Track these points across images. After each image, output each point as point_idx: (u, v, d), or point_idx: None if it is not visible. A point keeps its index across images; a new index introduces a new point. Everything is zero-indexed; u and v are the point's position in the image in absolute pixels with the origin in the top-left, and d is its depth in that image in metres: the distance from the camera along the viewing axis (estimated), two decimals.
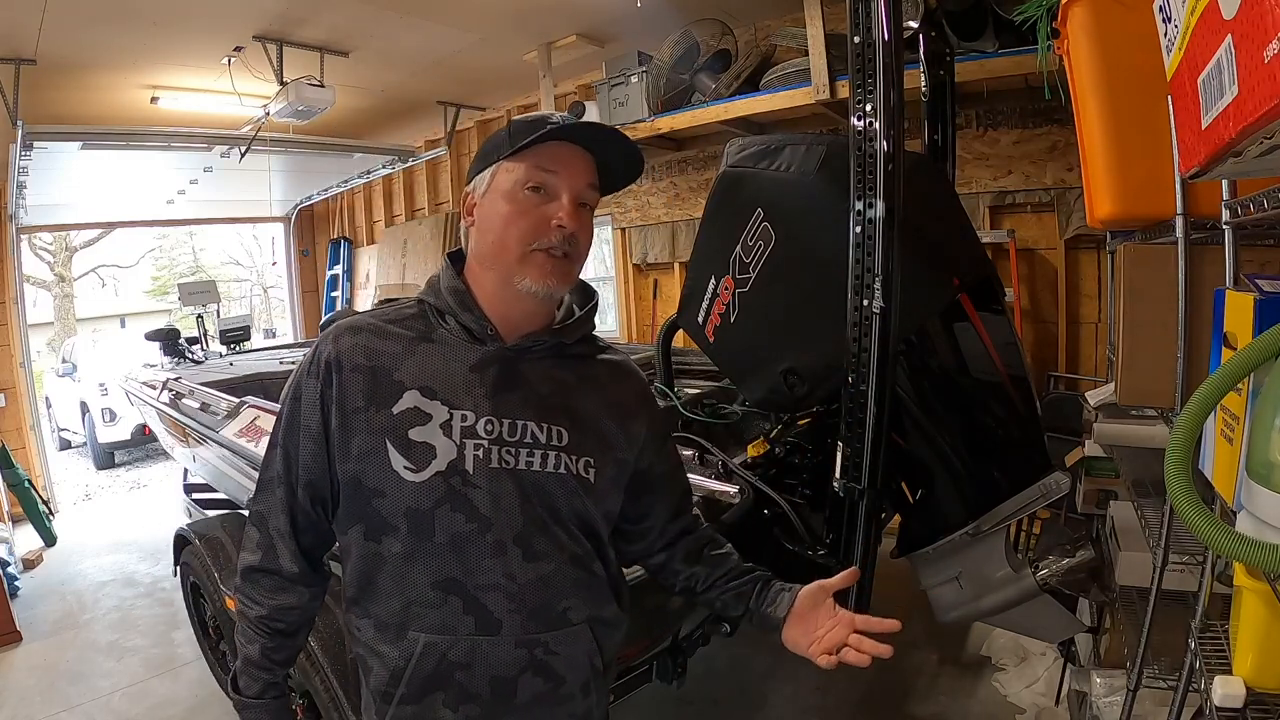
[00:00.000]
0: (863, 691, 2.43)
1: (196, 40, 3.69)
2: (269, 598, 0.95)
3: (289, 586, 0.96)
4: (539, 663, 0.91)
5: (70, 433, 7.79)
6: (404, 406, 0.88)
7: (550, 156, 0.91)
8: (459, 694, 0.89)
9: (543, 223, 0.89)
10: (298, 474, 0.93)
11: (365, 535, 0.90)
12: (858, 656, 0.93)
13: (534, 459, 0.90)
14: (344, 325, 0.95)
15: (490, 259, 0.92)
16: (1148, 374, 1.41)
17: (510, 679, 0.90)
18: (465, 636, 0.88)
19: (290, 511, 0.94)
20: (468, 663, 0.88)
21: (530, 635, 0.90)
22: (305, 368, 0.94)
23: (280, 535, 0.94)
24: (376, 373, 0.90)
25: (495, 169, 0.92)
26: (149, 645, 3.07)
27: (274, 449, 0.96)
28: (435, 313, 0.95)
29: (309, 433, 0.92)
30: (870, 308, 1.22)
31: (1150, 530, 1.52)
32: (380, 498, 0.88)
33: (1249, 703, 0.99)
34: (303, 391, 0.93)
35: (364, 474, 0.89)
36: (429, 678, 0.89)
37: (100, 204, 6.14)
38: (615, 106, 3.95)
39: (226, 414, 2.54)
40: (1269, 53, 0.57)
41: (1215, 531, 0.65)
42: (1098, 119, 1.46)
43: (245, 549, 0.97)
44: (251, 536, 0.97)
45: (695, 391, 2.28)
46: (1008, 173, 3.14)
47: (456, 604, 0.88)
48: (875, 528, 1.36)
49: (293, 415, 0.93)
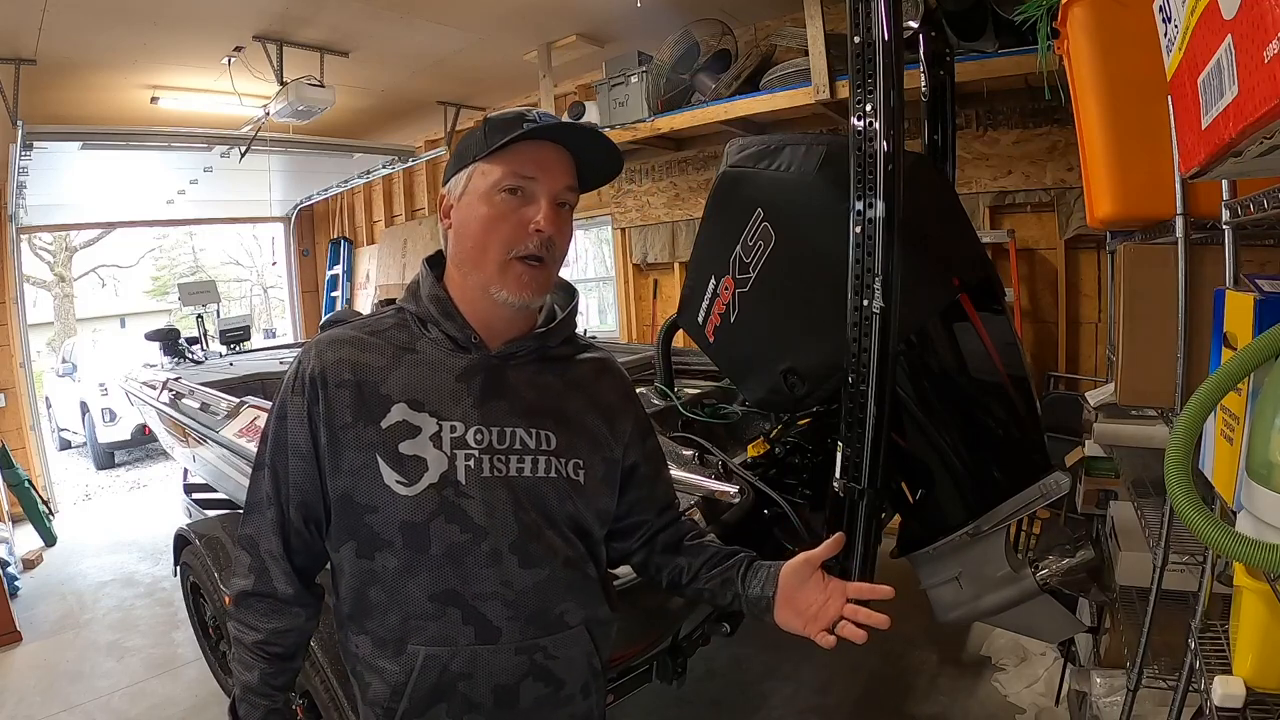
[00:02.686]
0: (863, 691, 2.43)
1: (196, 40, 3.69)
2: (265, 622, 0.93)
3: (284, 609, 0.93)
4: (539, 668, 0.91)
5: (70, 433, 7.79)
6: (392, 420, 0.88)
7: (528, 158, 0.88)
8: (462, 704, 0.89)
9: (521, 226, 0.88)
10: (289, 494, 0.91)
11: (358, 552, 0.90)
12: (854, 632, 0.91)
13: (524, 464, 0.90)
14: (326, 340, 0.93)
15: (469, 265, 0.91)
16: (1148, 374, 1.41)
17: (512, 686, 0.90)
18: (465, 646, 0.88)
19: (282, 532, 0.92)
20: (469, 673, 0.88)
21: (529, 641, 0.90)
22: (289, 385, 0.92)
23: (273, 557, 0.92)
24: (363, 387, 0.89)
25: (471, 170, 0.90)
26: (149, 645, 3.07)
27: (261, 470, 0.93)
28: (417, 321, 0.94)
29: (298, 451, 0.90)
30: (870, 308, 1.22)
31: (1150, 530, 1.52)
32: (372, 513, 0.88)
33: (1249, 703, 0.99)
34: (288, 410, 0.91)
35: (355, 490, 0.88)
36: (431, 690, 0.89)
37: (100, 204, 6.15)
38: (615, 106, 3.95)
39: (226, 414, 2.54)
40: (1269, 53, 0.57)
41: (1215, 531, 0.65)
42: (1098, 119, 1.46)
43: (236, 574, 0.94)
44: (242, 561, 0.94)
45: (695, 391, 2.28)
46: (1008, 173, 3.14)
47: (455, 615, 0.87)
48: (875, 528, 1.35)
49: (279, 435, 0.91)
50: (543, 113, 0.92)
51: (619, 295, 4.94)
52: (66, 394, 7.68)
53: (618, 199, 4.70)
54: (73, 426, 7.60)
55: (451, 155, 0.96)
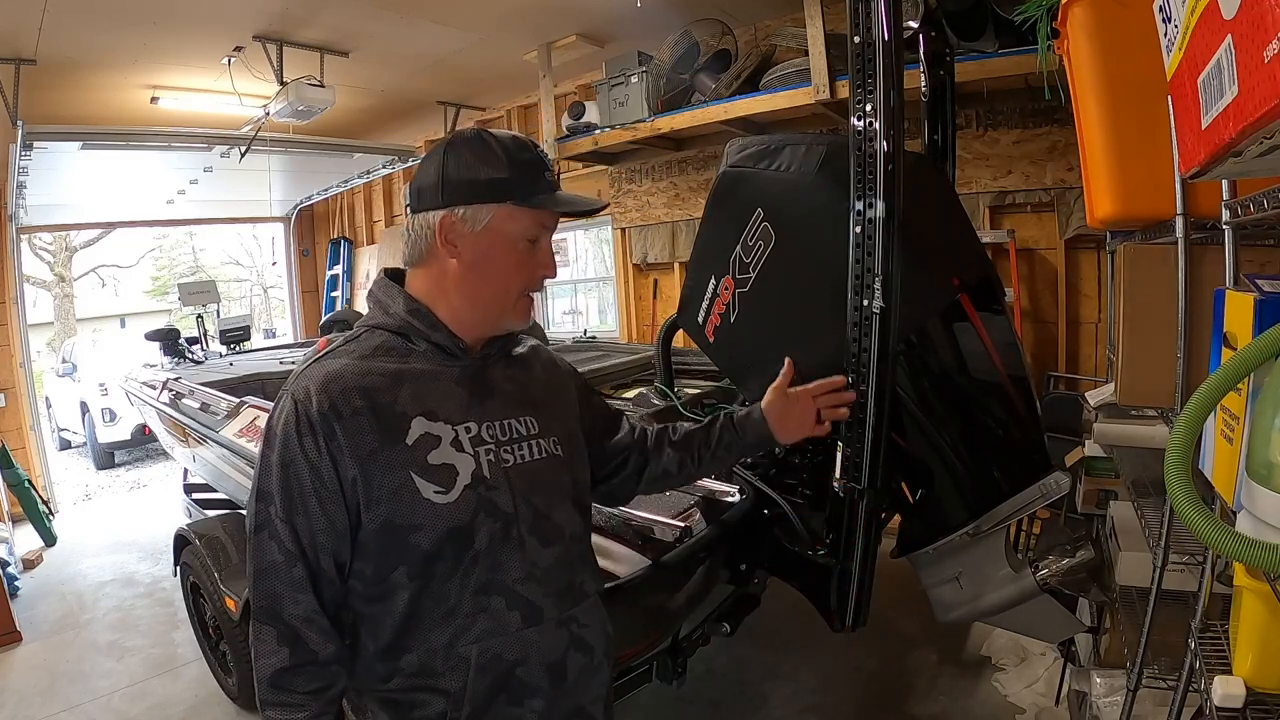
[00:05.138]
0: (863, 691, 2.43)
1: (196, 40, 3.69)
2: (313, 696, 0.86)
3: (328, 671, 0.87)
4: (576, 639, 0.97)
5: (70, 433, 7.79)
6: (416, 435, 0.90)
7: (549, 213, 0.97)
8: (520, 690, 0.93)
9: (536, 271, 0.98)
10: (319, 543, 0.86)
11: (409, 575, 0.88)
12: (838, 414, 1.26)
13: (524, 450, 0.97)
14: (321, 378, 0.88)
15: (486, 299, 0.96)
16: (1148, 374, 1.41)
17: (560, 662, 0.95)
18: (515, 632, 0.92)
19: (315, 589, 0.87)
20: (523, 657, 0.92)
21: (566, 614, 0.97)
22: (291, 431, 0.86)
23: (306, 621, 0.86)
24: (377, 410, 0.88)
25: (496, 210, 0.92)
26: (149, 645, 3.07)
27: (266, 529, 0.86)
28: (400, 337, 0.95)
29: (323, 492, 0.85)
30: (870, 308, 1.22)
31: (1150, 530, 1.52)
32: (417, 531, 0.87)
33: (1249, 703, 0.99)
34: (297, 455, 0.85)
35: (396, 514, 0.87)
36: (491, 686, 0.91)
37: (100, 204, 6.14)
38: (615, 106, 3.95)
39: (226, 414, 2.54)
40: (1269, 53, 0.57)
41: (1215, 531, 0.65)
42: (1098, 119, 1.46)
43: (262, 657, 0.86)
44: (267, 639, 0.86)
45: (695, 391, 2.28)
46: (1008, 173, 3.15)
47: (499, 603, 0.91)
48: (875, 528, 1.36)
49: (290, 485, 0.85)
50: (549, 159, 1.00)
51: (619, 295, 4.94)
52: (66, 394, 7.67)
53: (618, 199, 4.70)
54: (73, 426, 7.60)
55: (459, 172, 0.91)
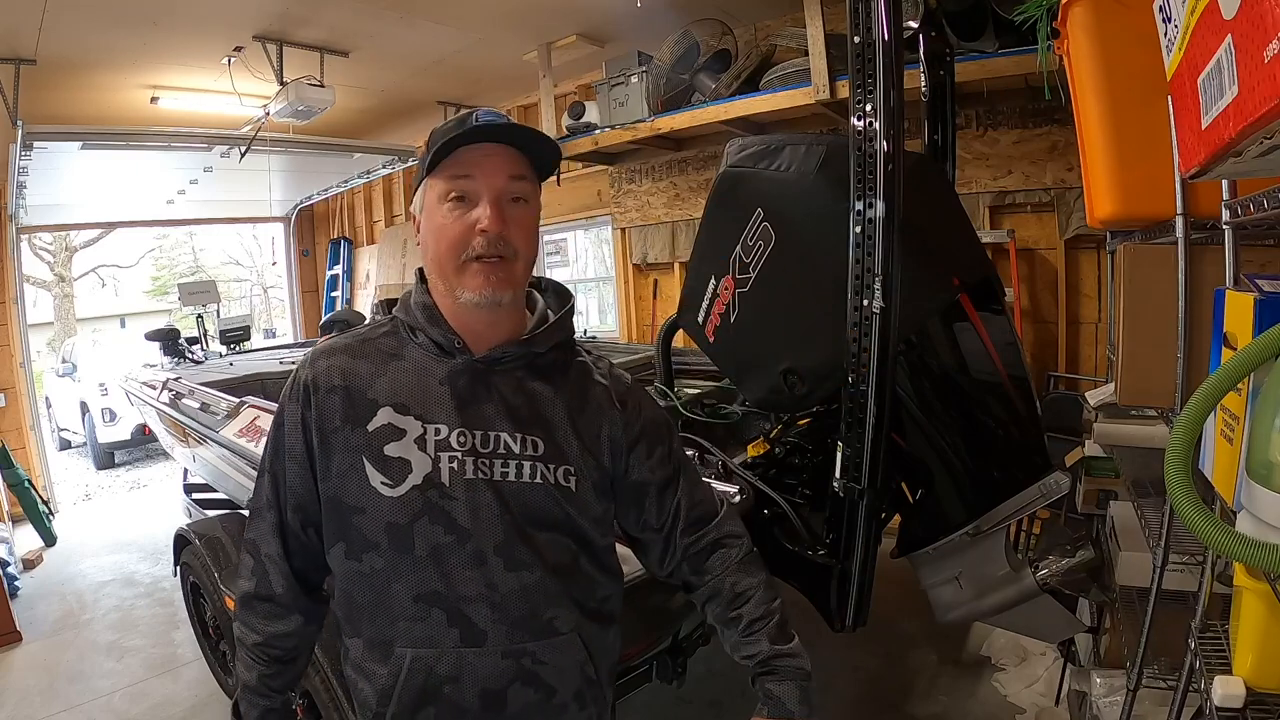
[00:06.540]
0: (863, 691, 2.43)
1: (196, 40, 3.69)
2: (264, 625, 0.96)
3: (283, 613, 0.96)
4: (527, 673, 0.90)
5: (70, 433, 7.80)
6: (378, 424, 0.90)
7: (464, 162, 0.89)
8: (450, 709, 0.89)
9: (467, 231, 0.89)
10: (286, 498, 0.94)
11: (346, 554, 0.92)
12: None
13: (509, 469, 0.90)
14: (322, 349, 0.97)
15: (436, 275, 0.94)
16: (1148, 374, 1.41)
17: (499, 691, 0.89)
18: (451, 649, 0.88)
19: (281, 535, 0.95)
20: (455, 676, 0.88)
21: (517, 645, 0.89)
22: (287, 392, 0.96)
23: (272, 561, 0.95)
24: (351, 392, 0.92)
25: (424, 186, 0.94)
26: (149, 645, 3.07)
27: (262, 475, 0.97)
28: (407, 329, 0.97)
29: (293, 455, 0.93)
30: (870, 308, 1.22)
31: (1150, 530, 1.52)
32: (360, 514, 0.89)
33: (1249, 703, 0.99)
34: (285, 417, 0.95)
35: (344, 492, 0.90)
36: (419, 693, 0.89)
37: (100, 204, 6.14)
38: (615, 106, 3.95)
39: (226, 414, 2.54)
40: (1269, 53, 0.57)
41: (1215, 531, 0.65)
42: (1098, 119, 1.46)
43: (240, 576, 0.98)
44: (246, 564, 0.97)
45: (695, 391, 2.28)
46: (1008, 173, 3.14)
47: (440, 616, 0.88)
48: (875, 528, 1.36)
49: (277, 440, 0.95)
50: (486, 111, 0.92)
51: (619, 295, 4.94)
52: (66, 394, 7.68)
53: (618, 199, 4.70)
54: (73, 426, 7.60)
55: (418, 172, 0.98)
